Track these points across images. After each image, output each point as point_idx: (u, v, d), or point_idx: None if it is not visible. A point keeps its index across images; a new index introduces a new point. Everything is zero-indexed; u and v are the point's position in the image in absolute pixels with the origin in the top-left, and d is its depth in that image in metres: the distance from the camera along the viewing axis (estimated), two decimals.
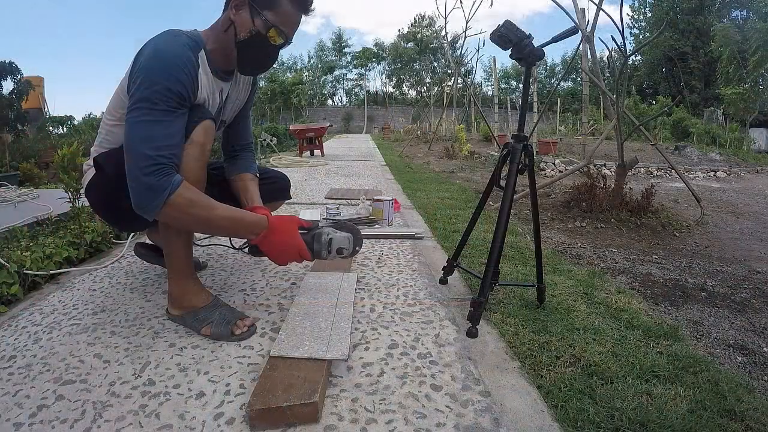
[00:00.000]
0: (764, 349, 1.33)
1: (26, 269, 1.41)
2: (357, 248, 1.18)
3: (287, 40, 1.09)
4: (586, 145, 7.00)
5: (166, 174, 0.94)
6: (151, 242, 1.53)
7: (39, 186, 3.49)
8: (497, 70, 10.85)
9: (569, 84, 30.51)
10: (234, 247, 1.34)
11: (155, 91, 0.95)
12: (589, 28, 3.31)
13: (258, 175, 1.36)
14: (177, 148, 0.98)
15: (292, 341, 0.97)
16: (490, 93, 25.40)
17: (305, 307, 1.16)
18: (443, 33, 9.51)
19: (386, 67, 35.17)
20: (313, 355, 0.92)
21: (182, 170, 1.00)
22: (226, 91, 1.19)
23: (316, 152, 6.94)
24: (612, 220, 2.93)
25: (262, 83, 29.20)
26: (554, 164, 6.34)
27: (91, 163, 1.19)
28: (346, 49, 34.91)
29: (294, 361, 0.91)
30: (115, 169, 1.07)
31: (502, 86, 33.23)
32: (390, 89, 35.19)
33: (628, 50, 2.93)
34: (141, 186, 0.94)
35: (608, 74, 9.83)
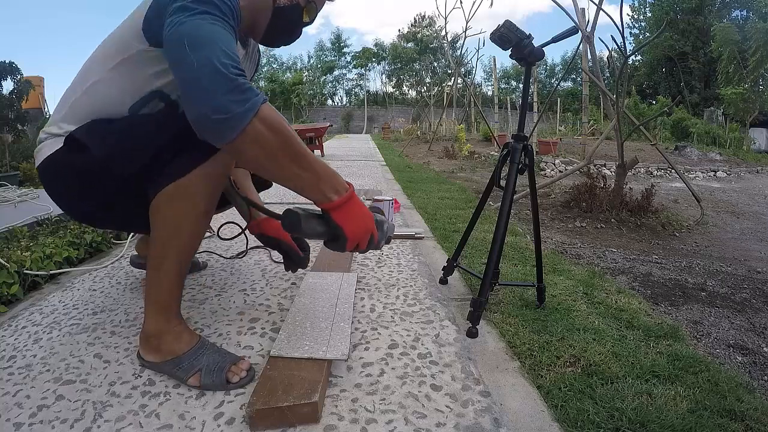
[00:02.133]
0: (764, 349, 1.33)
1: (26, 269, 1.41)
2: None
3: (311, 21, 1.06)
4: (586, 145, 7.00)
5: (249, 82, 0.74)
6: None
7: (39, 186, 3.49)
8: (497, 70, 10.85)
9: (569, 84, 30.53)
10: (230, 256, 1.29)
11: (223, 3, 0.78)
12: (589, 28, 3.31)
13: None
14: None
15: (292, 341, 0.97)
16: (490, 93, 25.41)
17: (305, 307, 1.16)
18: (443, 33, 9.52)
19: (386, 67, 35.18)
20: (313, 355, 0.92)
21: None
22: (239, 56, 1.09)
23: (317, 152, 6.96)
24: (612, 220, 2.93)
25: (262, 83, 29.24)
26: (554, 164, 6.34)
27: (55, 135, 0.92)
28: (346, 49, 34.93)
29: (294, 361, 0.91)
30: (107, 150, 0.86)
31: (502, 86, 33.25)
32: (390, 89, 35.20)
33: (628, 50, 2.93)
34: (226, 86, 0.69)
35: (608, 74, 9.83)
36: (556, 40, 1.21)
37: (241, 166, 0.81)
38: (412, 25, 34.34)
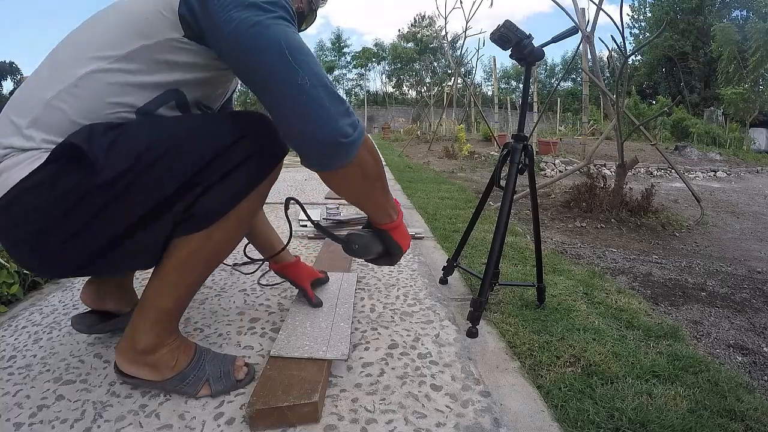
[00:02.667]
0: (764, 349, 1.33)
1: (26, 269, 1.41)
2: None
3: (304, 29, 1.01)
4: (586, 145, 7.00)
5: None
6: (87, 307, 1.03)
7: None
8: (497, 70, 10.85)
9: (569, 84, 30.57)
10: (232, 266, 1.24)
11: (290, 7, 0.71)
12: (589, 28, 3.31)
13: None
14: None
15: (292, 341, 0.97)
16: (490, 93, 25.41)
17: (305, 307, 1.16)
18: (443, 33, 9.52)
19: (386, 67, 35.22)
20: (313, 355, 0.92)
21: None
22: None
23: None
24: (612, 220, 2.93)
25: None
26: (554, 164, 6.34)
27: (24, 150, 0.68)
28: (346, 49, 34.97)
29: (294, 361, 0.91)
30: (127, 166, 0.67)
31: (502, 86, 33.32)
32: (390, 89, 35.24)
33: (628, 50, 2.93)
34: (342, 108, 0.68)
35: (608, 74, 9.83)
36: (556, 40, 1.21)
37: (332, 189, 0.77)
38: (412, 25, 34.42)
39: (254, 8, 0.67)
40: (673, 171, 4.89)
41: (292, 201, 0.91)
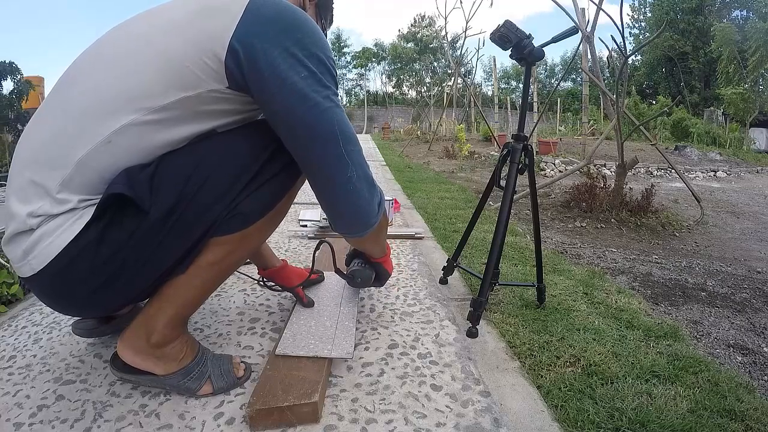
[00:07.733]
0: (764, 349, 1.33)
1: None
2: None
3: None
4: (586, 145, 7.00)
5: None
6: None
7: None
8: (497, 70, 10.85)
9: (569, 84, 30.53)
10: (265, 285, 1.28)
11: (329, 68, 0.74)
12: (589, 28, 3.31)
13: None
14: None
15: (297, 340, 0.97)
16: (490, 93, 25.40)
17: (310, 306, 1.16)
18: (443, 33, 9.52)
19: (386, 67, 35.21)
20: (319, 354, 0.92)
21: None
22: None
23: None
24: (612, 220, 2.93)
25: None
26: (554, 164, 6.34)
27: (58, 214, 0.66)
28: (346, 49, 34.95)
29: (294, 360, 0.91)
30: (173, 201, 0.69)
31: (502, 86, 33.31)
32: (390, 89, 35.24)
33: (628, 50, 2.93)
34: (374, 193, 0.81)
35: (608, 74, 9.83)
36: (556, 40, 1.21)
37: (349, 243, 0.95)
38: (412, 25, 34.36)
39: (309, 78, 0.70)
40: (673, 171, 4.89)
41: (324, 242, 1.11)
